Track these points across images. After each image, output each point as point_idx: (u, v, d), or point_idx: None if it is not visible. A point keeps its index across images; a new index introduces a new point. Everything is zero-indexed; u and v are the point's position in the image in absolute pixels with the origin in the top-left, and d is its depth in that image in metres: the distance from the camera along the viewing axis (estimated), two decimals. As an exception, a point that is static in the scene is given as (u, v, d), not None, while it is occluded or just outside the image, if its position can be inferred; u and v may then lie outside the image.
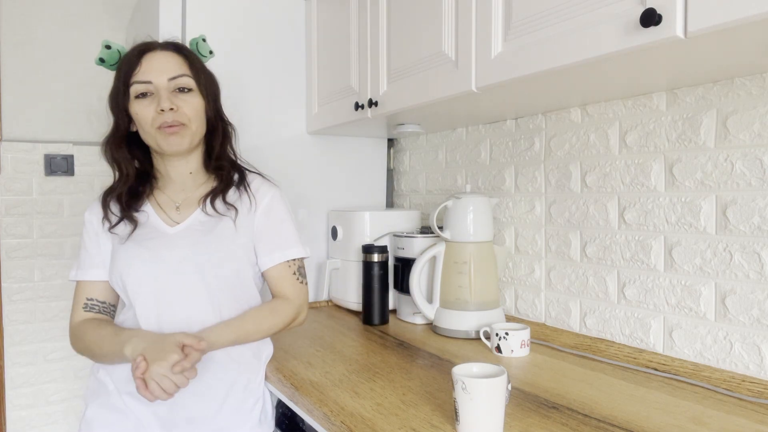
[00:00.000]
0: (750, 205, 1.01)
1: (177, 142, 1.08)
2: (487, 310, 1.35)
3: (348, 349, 1.26)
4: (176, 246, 1.08)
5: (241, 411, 1.10)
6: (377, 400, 0.94)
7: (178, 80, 1.08)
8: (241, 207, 1.14)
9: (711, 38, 0.75)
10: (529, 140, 1.47)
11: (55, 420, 2.23)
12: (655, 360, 1.13)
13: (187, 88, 1.09)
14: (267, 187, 1.19)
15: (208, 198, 1.13)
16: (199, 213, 1.13)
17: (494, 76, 1.06)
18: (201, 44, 1.18)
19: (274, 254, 1.15)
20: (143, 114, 1.07)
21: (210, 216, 1.12)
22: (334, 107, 1.64)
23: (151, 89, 1.06)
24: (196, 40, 1.18)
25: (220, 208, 1.12)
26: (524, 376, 1.06)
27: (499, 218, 1.56)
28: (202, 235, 1.10)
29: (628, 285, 1.22)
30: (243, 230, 1.13)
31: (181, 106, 1.07)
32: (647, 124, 1.18)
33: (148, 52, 1.08)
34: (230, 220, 1.12)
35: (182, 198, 1.15)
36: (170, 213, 1.13)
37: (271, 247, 1.15)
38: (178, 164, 1.14)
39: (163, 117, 1.05)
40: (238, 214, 1.13)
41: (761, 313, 1.00)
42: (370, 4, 1.46)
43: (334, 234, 1.72)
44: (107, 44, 1.11)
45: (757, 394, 0.95)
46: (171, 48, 1.11)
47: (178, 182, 1.16)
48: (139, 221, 1.11)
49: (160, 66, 1.07)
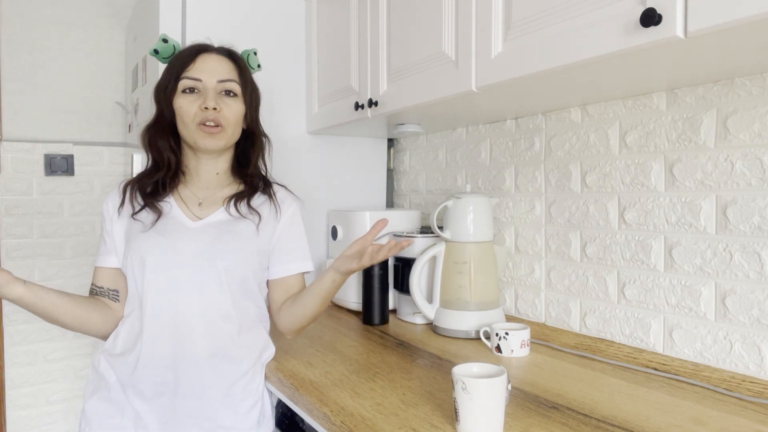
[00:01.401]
0: (750, 205, 1.01)
1: (213, 143, 1.12)
2: (487, 310, 1.35)
3: (348, 349, 1.26)
4: (195, 240, 1.10)
5: (239, 411, 1.10)
6: (377, 400, 0.94)
7: (226, 84, 1.12)
8: (264, 213, 1.17)
9: (711, 38, 0.75)
10: (529, 140, 1.47)
11: (55, 420, 2.23)
12: (655, 360, 1.13)
13: (233, 93, 1.13)
14: (291, 200, 1.23)
15: (234, 199, 1.16)
16: (222, 212, 1.15)
17: (494, 76, 1.06)
18: (252, 57, 1.23)
19: (292, 264, 1.19)
20: (187, 108, 1.10)
21: (232, 217, 1.15)
22: (334, 107, 1.64)
23: (199, 86, 1.11)
24: (248, 52, 1.23)
25: (244, 211, 1.15)
26: (524, 376, 1.06)
27: (499, 218, 1.56)
28: (223, 233, 1.12)
29: (628, 285, 1.22)
30: (263, 235, 1.16)
31: (223, 108, 1.11)
32: (647, 124, 1.18)
33: (204, 52, 1.13)
34: (251, 223, 1.15)
35: (205, 195, 1.18)
36: (193, 208, 1.16)
37: (288, 258, 1.19)
38: (208, 163, 1.18)
39: (205, 114, 1.09)
40: (261, 220, 1.16)
41: (761, 313, 1.00)
42: (370, 4, 1.46)
43: (334, 234, 1.72)
44: (164, 38, 1.17)
45: (757, 394, 0.95)
46: (225, 53, 1.16)
47: (204, 180, 1.18)
48: (163, 211, 1.13)
49: (212, 67, 1.12)
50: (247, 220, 1.15)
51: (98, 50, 2.31)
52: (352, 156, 1.90)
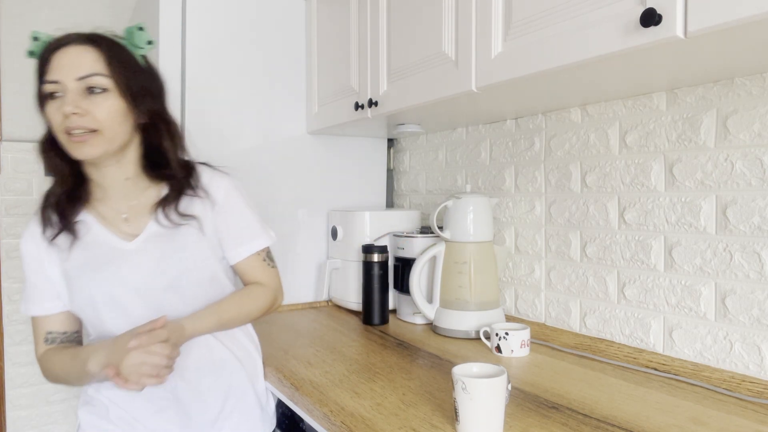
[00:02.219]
0: (750, 205, 1.01)
1: (86, 152, 0.95)
2: (487, 310, 1.35)
3: (348, 349, 1.26)
4: (140, 265, 1.00)
5: (241, 410, 1.10)
6: (377, 400, 0.94)
7: (88, 80, 0.93)
8: (197, 209, 1.06)
9: (711, 38, 0.75)
10: (529, 140, 1.47)
11: (55, 420, 2.23)
12: (655, 360, 1.13)
13: (101, 89, 0.94)
14: (218, 179, 1.09)
15: (160, 208, 1.03)
16: (153, 224, 1.03)
17: (494, 76, 1.06)
18: (137, 34, 1.01)
19: (241, 248, 1.10)
20: (52, 117, 0.95)
21: (168, 226, 1.03)
22: (334, 107, 1.64)
23: (59, 89, 0.93)
24: (131, 30, 1.01)
25: (176, 219, 1.03)
26: (524, 376, 1.06)
27: (499, 218, 1.56)
28: (167, 249, 1.02)
29: (628, 285, 1.22)
30: (208, 231, 1.06)
31: (91, 109, 0.93)
32: (647, 124, 1.18)
33: (60, 47, 0.95)
34: (190, 227, 1.04)
35: (127, 207, 1.04)
36: (120, 225, 1.03)
37: (236, 242, 1.09)
38: (109, 171, 1.01)
39: (66, 122, 0.93)
40: (199, 220, 1.05)
41: (761, 313, 1.00)
42: (370, 4, 1.46)
43: (334, 234, 1.72)
44: (35, 35, 0.99)
45: (757, 394, 0.95)
46: (87, 42, 0.95)
47: (117, 190, 1.03)
48: (78, 232, 1.01)
49: (70, 63, 0.93)
50: (185, 225, 1.04)
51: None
52: (352, 156, 1.90)
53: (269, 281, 1.13)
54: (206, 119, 1.63)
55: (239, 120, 1.68)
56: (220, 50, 1.65)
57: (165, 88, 1.06)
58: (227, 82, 1.66)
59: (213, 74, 1.64)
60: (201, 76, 1.62)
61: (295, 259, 1.76)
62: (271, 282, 1.14)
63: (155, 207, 1.03)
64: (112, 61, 0.96)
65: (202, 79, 1.62)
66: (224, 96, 1.66)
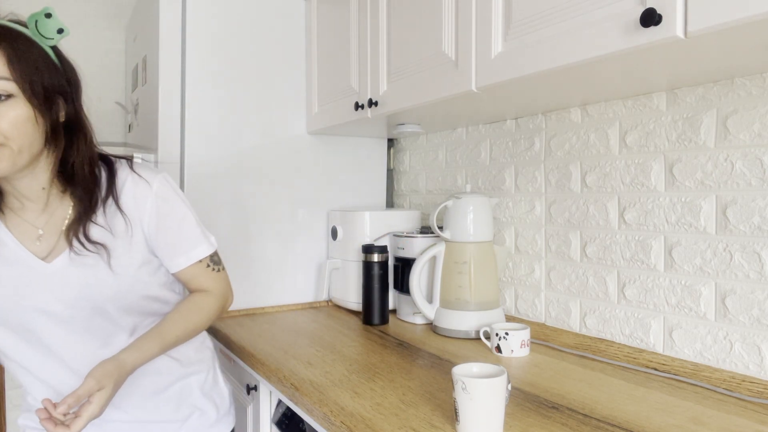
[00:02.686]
0: (750, 205, 1.01)
1: None
2: (487, 310, 1.35)
3: (348, 349, 1.26)
4: (62, 291, 0.88)
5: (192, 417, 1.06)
6: (377, 400, 0.94)
7: None
8: (120, 227, 0.92)
9: (711, 38, 0.75)
10: (529, 140, 1.47)
11: (55, 420, 2.23)
12: (655, 360, 1.13)
13: (4, 95, 0.79)
14: (143, 189, 0.94)
15: (70, 233, 0.89)
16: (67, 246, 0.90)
17: (494, 76, 1.06)
18: (42, 22, 0.85)
19: (179, 259, 0.98)
20: None
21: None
22: (334, 107, 1.64)
23: None
24: (36, 17, 0.85)
25: (88, 247, 0.89)
26: (524, 376, 1.06)
27: (499, 218, 1.56)
28: (86, 271, 0.89)
29: (628, 285, 1.22)
30: (137, 245, 0.93)
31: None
32: (647, 124, 1.18)
33: None
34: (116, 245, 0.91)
35: (44, 221, 0.91)
36: (35, 243, 0.90)
37: (173, 253, 0.97)
38: (22, 183, 0.88)
39: None
40: (129, 230, 0.92)
41: (761, 313, 1.00)
42: (370, 4, 1.46)
43: (334, 234, 1.72)
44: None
45: (757, 394, 0.95)
46: None
47: (34, 201, 0.90)
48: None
49: None
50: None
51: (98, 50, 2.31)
52: (352, 156, 1.90)
53: (215, 287, 1.03)
54: (206, 119, 1.63)
55: (239, 120, 1.68)
56: (220, 50, 1.65)
57: (80, 84, 0.93)
58: (227, 82, 1.66)
59: (213, 74, 1.64)
60: (201, 76, 1.62)
61: (295, 259, 1.77)
62: (217, 287, 1.04)
63: (67, 232, 0.89)
64: (15, 61, 0.80)
65: (202, 79, 1.62)
66: (224, 96, 1.66)
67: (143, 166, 0.97)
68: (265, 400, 1.28)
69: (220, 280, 1.04)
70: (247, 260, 1.69)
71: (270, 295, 1.73)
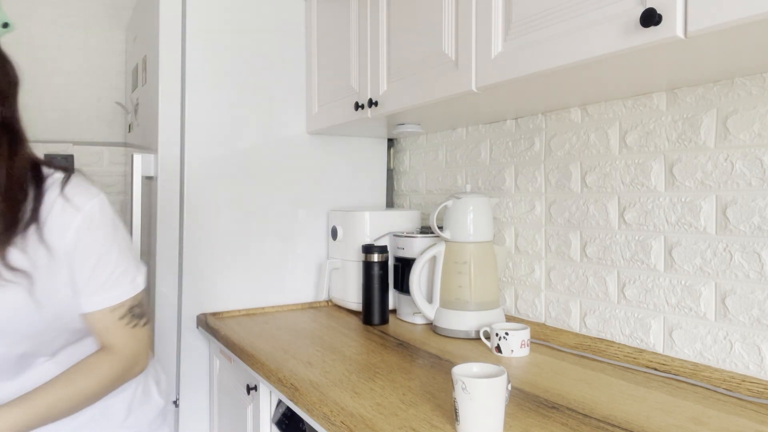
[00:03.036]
0: (750, 205, 1.01)
1: None
2: (487, 310, 1.35)
3: (348, 349, 1.26)
4: None
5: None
6: (377, 400, 0.94)
7: None
8: (42, 254, 0.79)
9: (711, 38, 0.75)
10: (529, 140, 1.47)
11: (55, 420, 2.23)
12: (655, 360, 1.13)
13: None
14: (69, 216, 0.80)
15: None
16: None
17: (494, 76, 1.06)
18: None
19: (94, 298, 0.83)
20: None
21: None
22: (334, 107, 1.64)
23: None
24: None
25: (8, 276, 0.76)
26: (524, 376, 1.06)
27: (499, 218, 1.56)
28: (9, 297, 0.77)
29: (628, 285, 1.22)
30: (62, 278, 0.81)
31: None
32: (647, 124, 1.18)
33: None
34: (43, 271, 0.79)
35: None
36: None
37: (85, 291, 0.83)
38: None
39: None
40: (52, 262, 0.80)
41: (761, 313, 1.00)
42: (370, 4, 1.46)
43: (334, 234, 1.72)
44: None
45: (757, 394, 0.95)
46: None
47: None
48: None
49: None
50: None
51: (98, 50, 2.32)
52: (352, 156, 1.90)
53: (123, 346, 0.86)
54: (206, 119, 1.63)
55: (239, 120, 1.68)
56: (220, 50, 1.65)
57: (18, 85, 0.83)
58: (227, 82, 1.66)
59: (213, 74, 1.64)
60: (201, 76, 1.62)
61: (295, 259, 1.77)
62: (126, 347, 0.87)
63: None
64: None
65: (202, 79, 1.62)
66: (224, 96, 1.66)
67: (79, 185, 0.83)
68: (265, 400, 1.28)
69: (131, 338, 0.87)
70: (247, 260, 1.69)
71: (270, 295, 1.73)
